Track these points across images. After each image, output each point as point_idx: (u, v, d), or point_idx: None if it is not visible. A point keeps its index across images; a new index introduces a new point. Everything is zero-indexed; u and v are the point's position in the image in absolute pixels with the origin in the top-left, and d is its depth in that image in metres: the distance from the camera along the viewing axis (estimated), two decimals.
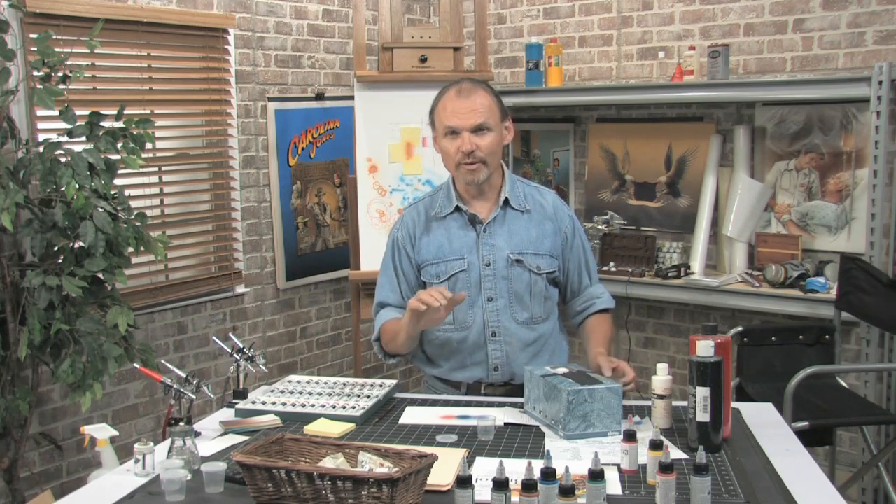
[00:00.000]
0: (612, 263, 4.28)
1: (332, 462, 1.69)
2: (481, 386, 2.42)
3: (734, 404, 2.17)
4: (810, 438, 2.96)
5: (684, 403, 2.03)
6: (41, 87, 2.94)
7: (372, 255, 3.84)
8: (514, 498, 1.58)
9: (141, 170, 3.29)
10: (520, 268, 2.38)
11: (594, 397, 2.03)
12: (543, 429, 2.10)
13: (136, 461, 1.89)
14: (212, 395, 2.29)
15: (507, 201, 2.40)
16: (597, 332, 2.46)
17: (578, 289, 2.51)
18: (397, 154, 3.93)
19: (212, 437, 2.12)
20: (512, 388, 2.40)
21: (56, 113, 3.01)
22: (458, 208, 2.41)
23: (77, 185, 2.85)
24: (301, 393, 2.35)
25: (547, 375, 2.14)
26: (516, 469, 1.73)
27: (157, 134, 3.58)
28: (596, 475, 1.59)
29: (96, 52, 3.13)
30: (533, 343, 2.41)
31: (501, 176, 2.44)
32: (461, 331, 2.39)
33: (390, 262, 2.49)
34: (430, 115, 2.42)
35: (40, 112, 3.21)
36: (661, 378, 2.07)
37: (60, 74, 3.01)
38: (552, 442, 2.01)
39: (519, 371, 2.38)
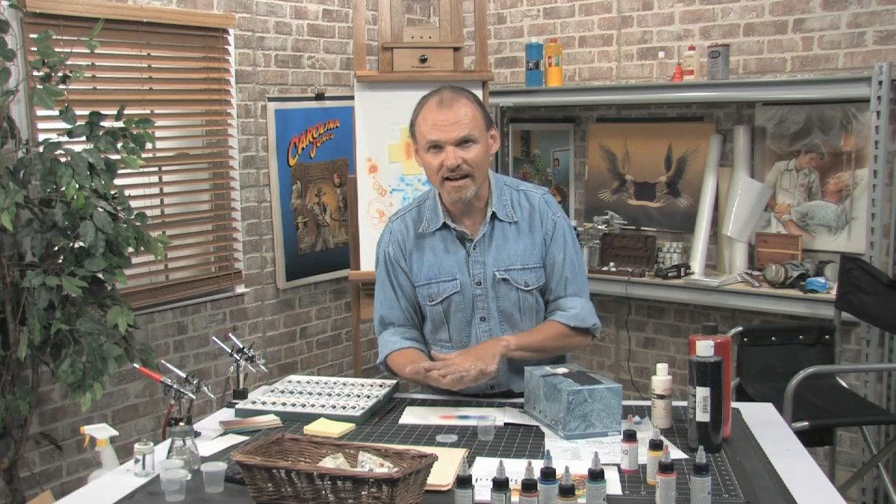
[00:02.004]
0: (612, 263, 4.28)
1: (332, 462, 1.69)
2: (480, 396, 2.39)
3: (734, 404, 2.17)
4: (810, 438, 2.96)
5: (684, 403, 2.03)
6: (41, 87, 2.94)
7: (372, 256, 3.80)
8: (514, 498, 1.58)
9: (141, 170, 3.29)
10: (506, 286, 2.30)
11: (594, 397, 2.03)
12: (543, 429, 2.10)
13: (136, 461, 1.89)
14: (212, 395, 2.29)
15: (494, 215, 2.31)
16: (532, 330, 2.30)
17: (550, 297, 2.36)
18: (397, 154, 3.93)
19: (212, 437, 2.12)
20: (512, 395, 2.38)
21: (56, 113, 3.01)
22: (445, 225, 2.33)
23: (77, 185, 2.85)
24: (301, 393, 2.35)
25: (547, 375, 2.14)
26: (516, 469, 1.73)
27: (157, 134, 3.58)
28: (596, 475, 1.59)
29: (96, 52, 3.13)
30: (527, 360, 2.34)
31: (488, 187, 2.33)
32: (459, 348, 2.34)
33: (386, 279, 2.40)
34: (411, 126, 2.31)
35: (40, 112, 3.21)
36: (661, 378, 2.07)
37: (60, 74, 3.01)
38: (552, 442, 2.01)
39: (516, 386, 2.36)
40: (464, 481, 1.61)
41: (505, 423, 2.13)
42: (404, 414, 2.24)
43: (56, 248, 2.98)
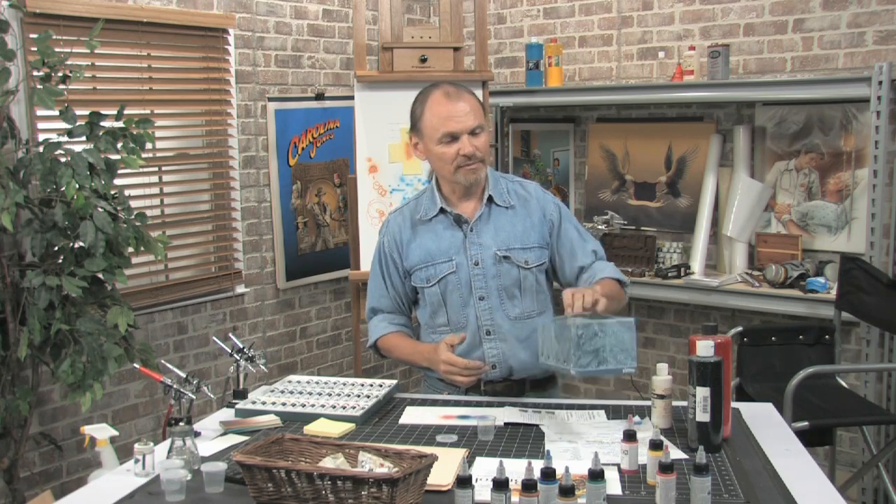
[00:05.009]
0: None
1: (332, 462, 1.69)
2: (480, 383, 2.42)
3: (734, 404, 2.17)
4: (810, 438, 2.96)
5: (684, 403, 2.03)
6: (41, 87, 2.94)
7: (372, 255, 3.83)
8: (514, 498, 1.59)
9: (141, 170, 3.30)
10: (508, 264, 2.37)
11: (605, 332, 1.94)
12: (557, 368, 2.03)
13: (136, 461, 1.89)
14: (212, 395, 2.29)
15: (490, 199, 2.40)
16: (597, 283, 2.31)
17: (577, 270, 2.42)
18: (397, 154, 3.93)
19: (212, 437, 2.12)
20: (511, 384, 2.41)
21: (56, 113, 3.01)
22: (442, 210, 2.41)
23: (77, 185, 2.85)
24: (301, 393, 2.35)
25: (557, 319, 2.10)
26: (516, 469, 1.73)
27: (157, 134, 3.58)
28: (596, 475, 1.59)
29: (96, 52, 3.13)
30: (528, 338, 2.39)
31: (486, 174, 2.44)
32: (456, 332, 2.39)
33: (378, 270, 2.51)
34: (416, 121, 2.39)
35: (40, 112, 3.21)
36: (661, 378, 2.07)
37: (60, 74, 3.01)
38: (552, 442, 2.01)
39: (517, 366, 2.39)
40: (464, 481, 1.61)
41: (505, 423, 2.13)
42: (404, 414, 2.24)
43: (56, 248, 2.98)
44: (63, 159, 2.92)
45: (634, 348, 1.96)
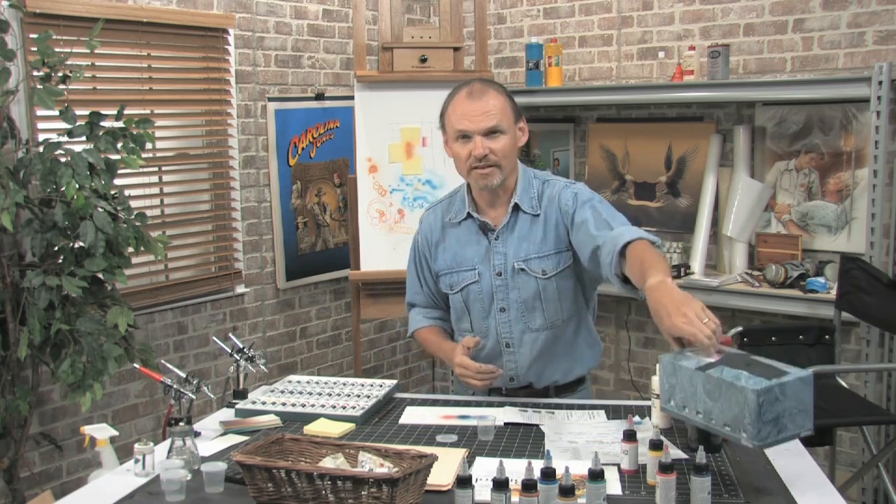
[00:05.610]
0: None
1: (332, 462, 1.69)
2: (501, 388, 2.41)
3: None
4: (810, 438, 2.95)
5: None
6: (41, 87, 2.94)
7: (372, 255, 3.84)
8: (514, 498, 1.59)
9: (141, 170, 3.30)
10: (525, 276, 2.30)
11: (786, 394, 1.61)
12: (711, 429, 1.70)
13: (136, 461, 1.89)
14: (212, 395, 2.29)
15: (517, 206, 2.30)
16: (636, 261, 1.96)
17: (593, 249, 2.14)
18: (397, 154, 3.93)
19: (212, 437, 2.12)
20: (533, 391, 2.39)
21: (56, 113, 3.01)
22: (470, 215, 2.35)
23: (77, 185, 2.85)
24: (301, 393, 2.35)
25: (702, 368, 1.72)
26: (516, 469, 1.74)
27: (157, 134, 3.58)
28: (596, 475, 1.59)
29: (96, 52, 3.13)
30: (549, 349, 2.34)
31: (515, 179, 2.32)
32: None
33: (413, 266, 2.51)
34: (441, 118, 2.33)
35: (40, 112, 3.21)
36: None
37: (60, 74, 3.01)
38: (552, 442, 2.01)
39: (535, 379, 2.37)
40: (464, 481, 1.61)
41: (505, 423, 2.13)
42: (404, 414, 2.25)
43: (56, 248, 2.98)
44: (63, 159, 2.92)
45: (812, 406, 1.66)
